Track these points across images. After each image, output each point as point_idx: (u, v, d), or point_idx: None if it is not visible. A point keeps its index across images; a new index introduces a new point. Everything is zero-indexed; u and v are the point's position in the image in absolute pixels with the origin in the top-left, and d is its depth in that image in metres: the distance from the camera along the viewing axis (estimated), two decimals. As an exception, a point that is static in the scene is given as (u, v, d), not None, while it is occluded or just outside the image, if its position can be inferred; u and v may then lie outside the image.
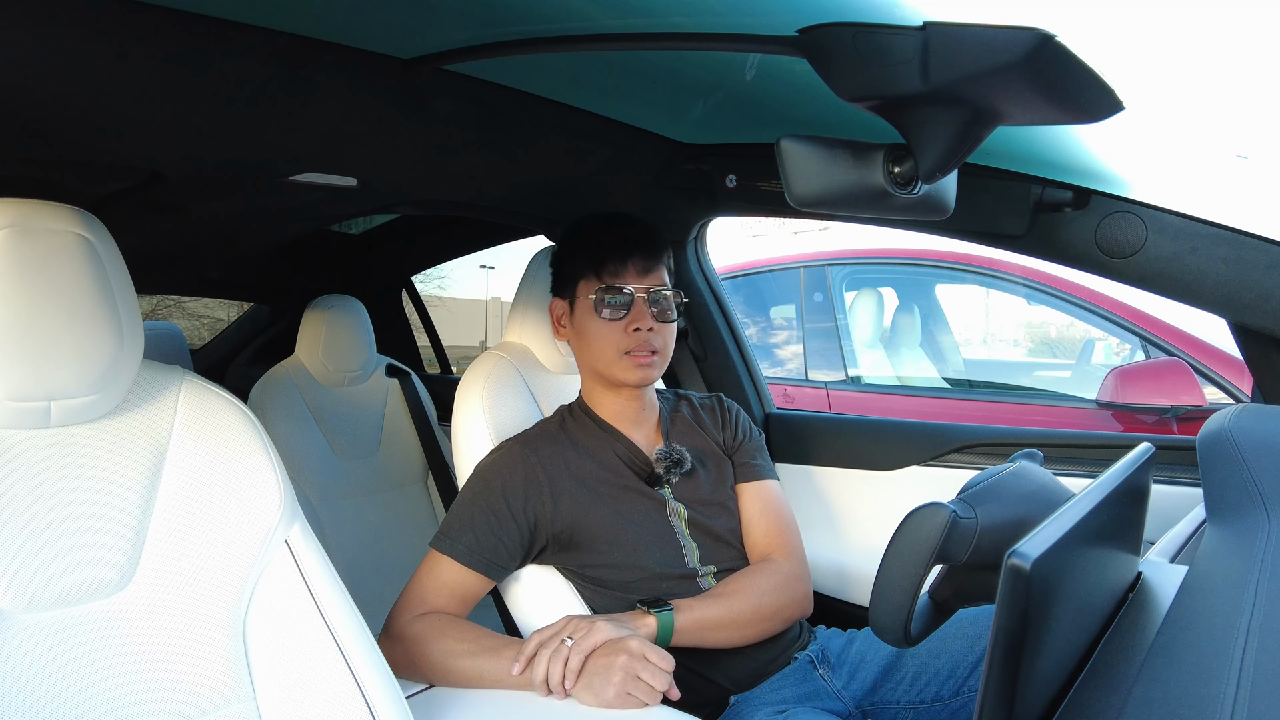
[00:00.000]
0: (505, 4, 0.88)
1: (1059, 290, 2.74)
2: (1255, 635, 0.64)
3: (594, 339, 1.27)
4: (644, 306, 1.25)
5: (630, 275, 1.25)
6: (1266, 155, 1.57)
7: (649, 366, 1.26)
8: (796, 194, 0.83)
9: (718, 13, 0.87)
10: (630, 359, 1.25)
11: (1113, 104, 0.75)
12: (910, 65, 0.73)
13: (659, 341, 1.26)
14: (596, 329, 1.26)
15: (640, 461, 1.29)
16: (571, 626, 1.07)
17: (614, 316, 1.25)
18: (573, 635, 1.06)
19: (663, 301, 1.27)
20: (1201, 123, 3.67)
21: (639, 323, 1.24)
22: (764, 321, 3.60)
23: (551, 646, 1.05)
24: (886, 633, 0.73)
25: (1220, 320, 1.15)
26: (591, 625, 1.06)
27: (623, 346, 1.25)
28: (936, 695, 1.16)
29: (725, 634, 1.17)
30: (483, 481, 1.22)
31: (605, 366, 1.27)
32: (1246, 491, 0.87)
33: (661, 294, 1.27)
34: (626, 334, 1.25)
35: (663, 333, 1.27)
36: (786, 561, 1.27)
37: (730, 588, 1.21)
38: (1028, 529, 0.54)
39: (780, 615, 1.22)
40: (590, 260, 1.27)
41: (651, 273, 1.27)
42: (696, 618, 1.14)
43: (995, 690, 0.50)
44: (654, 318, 1.26)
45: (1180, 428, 2.33)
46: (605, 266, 1.26)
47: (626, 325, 1.25)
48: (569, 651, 1.04)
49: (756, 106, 1.29)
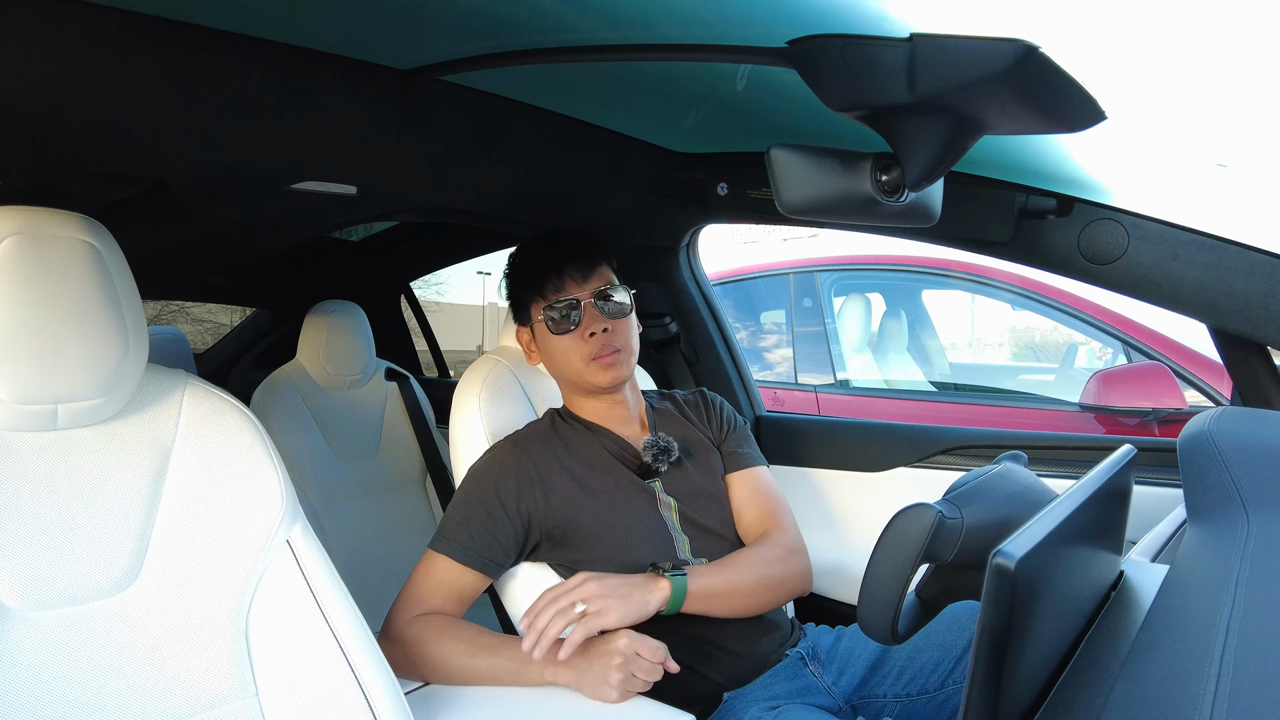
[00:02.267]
0: (502, 17, 0.89)
1: (1043, 295, 2.76)
2: (1235, 633, 0.65)
3: (557, 355, 1.29)
4: (593, 310, 1.26)
5: (570, 286, 1.27)
6: (1245, 163, 1.60)
7: (616, 365, 1.27)
8: (786, 202, 0.84)
9: (709, 25, 0.88)
10: (596, 363, 1.26)
11: (1095, 114, 0.76)
12: (897, 76, 0.75)
13: (619, 340, 1.27)
14: (556, 345, 1.28)
15: (629, 455, 1.31)
16: (587, 589, 1.07)
17: (567, 328, 1.26)
18: (587, 600, 1.06)
19: (611, 300, 1.28)
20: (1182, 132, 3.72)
21: (592, 327, 1.26)
22: (754, 326, 3.62)
23: (560, 604, 1.06)
24: (874, 630, 0.73)
25: (1200, 325, 1.17)
26: (605, 601, 1.06)
27: (585, 354, 1.26)
28: (923, 688, 1.18)
29: (731, 602, 1.18)
30: (476, 481, 1.24)
31: (576, 376, 1.29)
32: (1226, 492, 0.87)
33: (606, 293, 1.28)
34: (584, 341, 1.26)
35: (620, 329, 1.28)
36: (784, 535, 1.29)
37: (735, 558, 1.22)
38: (1012, 529, 0.55)
39: (783, 586, 1.24)
40: (531, 283, 1.29)
41: (592, 276, 1.28)
42: (706, 584, 1.15)
43: (980, 687, 0.51)
44: (606, 318, 1.27)
45: (1161, 430, 2.35)
46: (546, 284, 1.27)
47: (581, 333, 1.26)
48: (577, 620, 1.04)
49: (747, 116, 1.30)
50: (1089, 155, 1.14)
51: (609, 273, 1.31)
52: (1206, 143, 2.67)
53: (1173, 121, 2.07)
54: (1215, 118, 15.56)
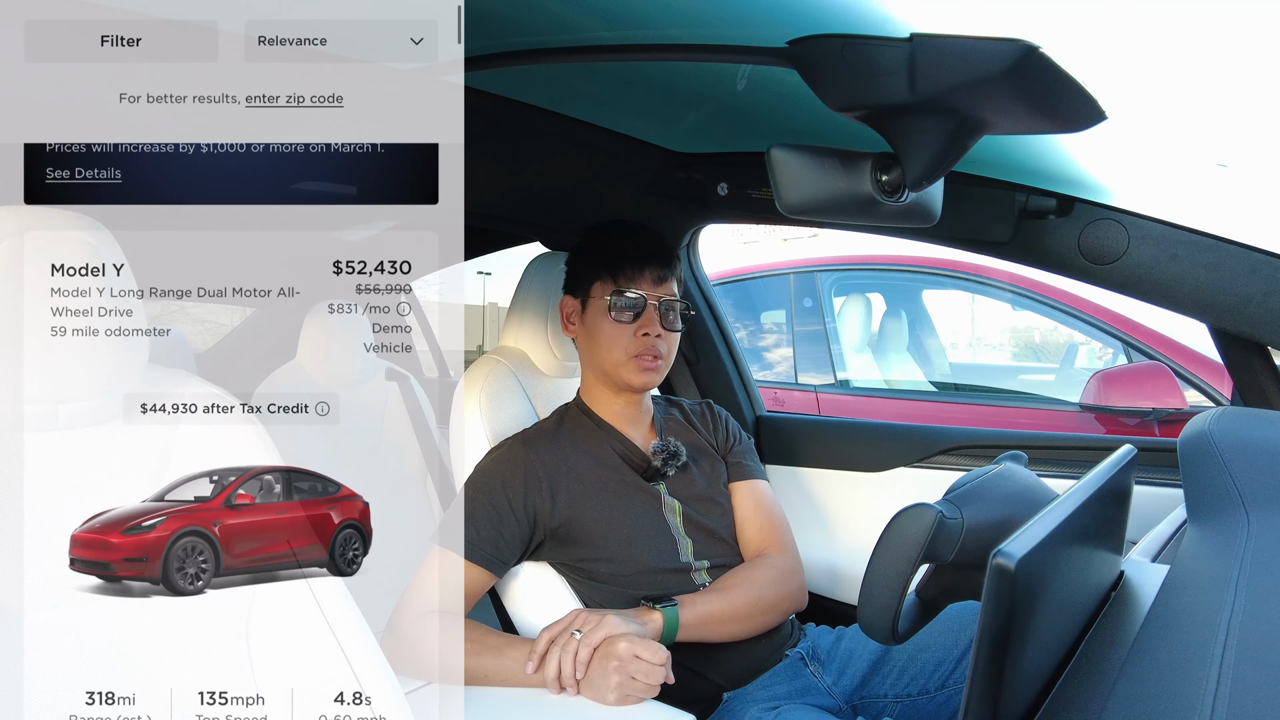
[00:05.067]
0: (502, 17, 0.89)
1: (1043, 295, 2.76)
2: (1235, 633, 0.64)
3: (603, 339, 1.29)
4: (654, 313, 1.28)
5: (645, 283, 1.28)
6: (1245, 163, 1.60)
7: (653, 371, 1.28)
8: (786, 202, 0.84)
9: (710, 25, 0.88)
10: (637, 362, 1.27)
11: (1095, 114, 0.76)
12: (897, 76, 0.75)
13: (664, 348, 1.29)
14: (607, 329, 1.29)
15: (637, 457, 1.31)
16: (580, 620, 1.09)
17: (625, 320, 1.28)
18: (581, 629, 1.08)
19: (672, 311, 1.31)
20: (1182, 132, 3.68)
21: (648, 328, 1.27)
22: (754, 326, 3.62)
23: (561, 642, 1.07)
24: (874, 630, 0.73)
25: (1201, 325, 1.17)
26: (600, 619, 1.08)
27: (631, 350, 1.27)
28: (923, 688, 1.18)
29: (727, 627, 1.18)
30: (483, 478, 1.24)
31: (612, 367, 1.29)
32: (1226, 492, 0.87)
33: (672, 304, 1.31)
34: (635, 338, 1.27)
35: (668, 340, 1.30)
36: (782, 557, 1.29)
37: (729, 582, 1.23)
38: (1012, 529, 0.54)
39: (779, 608, 1.24)
40: (608, 264, 1.30)
41: (665, 283, 1.30)
42: (700, 612, 1.16)
43: (980, 687, 0.51)
44: (662, 325, 1.29)
45: (1162, 430, 2.35)
46: (622, 271, 1.28)
47: (636, 329, 1.27)
48: (578, 645, 1.06)
49: (747, 116, 1.30)
50: (1089, 155, 1.14)
51: (675, 286, 1.33)
52: (1206, 143, 2.67)
53: (1173, 121, 2.08)
54: (1215, 118, 15.59)
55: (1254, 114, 41.43)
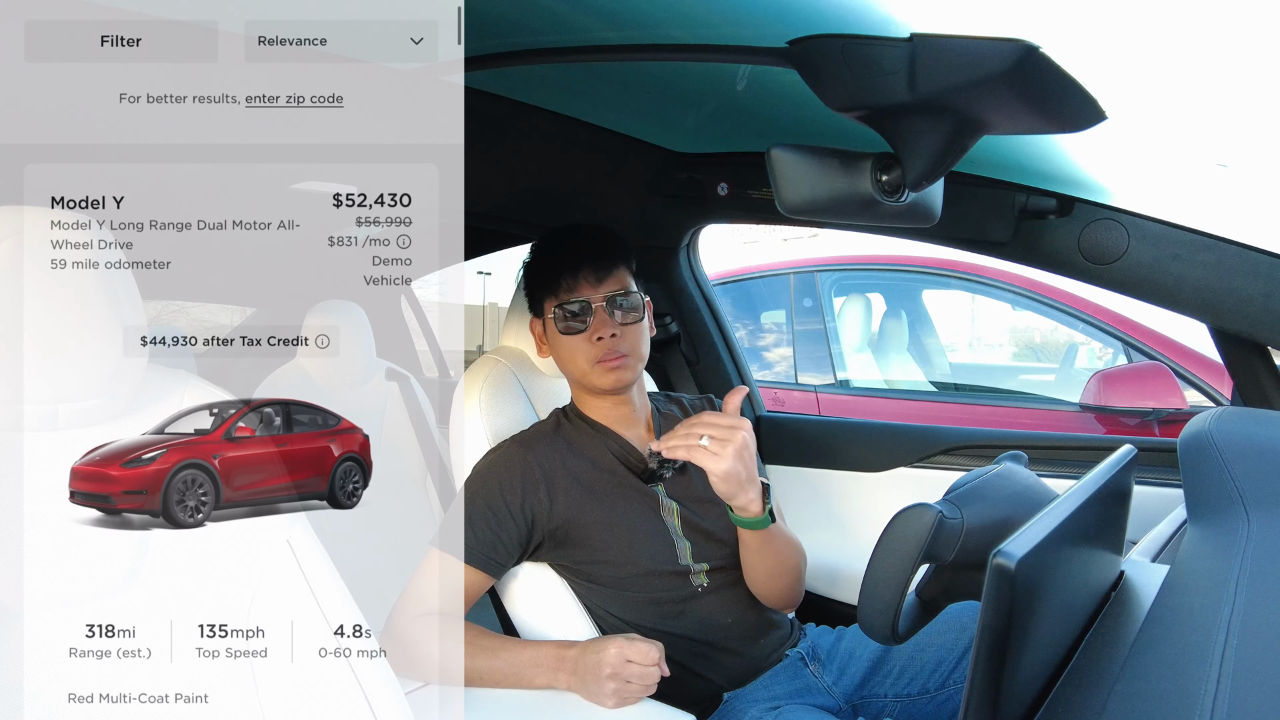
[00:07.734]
0: (502, 17, 0.89)
1: (1043, 296, 2.76)
2: (1235, 633, 0.65)
3: (564, 353, 1.28)
4: (604, 314, 1.25)
5: (584, 287, 1.26)
6: (1246, 163, 1.60)
7: (620, 369, 1.26)
8: (786, 202, 0.84)
9: (710, 25, 0.89)
10: (601, 366, 1.25)
11: (1095, 114, 0.76)
12: (897, 76, 0.75)
13: (626, 345, 1.26)
14: (564, 343, 1.27)
15: (634, 459, 1.30)
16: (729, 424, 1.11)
17: (576, 329, 1.25)
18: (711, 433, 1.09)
19: (623, 305, 1.27)
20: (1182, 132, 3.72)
21: (600, 331, 1.24)
22: (754, 326, 3.62)
23: (690, 439, 1.10)
24: (874, 630, 0.73)
25: (1201, 325, 1.17)
26: (722, 444, 1.09)
27: (591, 356, 1.25)
28: (923, 688, 1.18)
29: (780, 559, 1.21)
30: (481, 480, 1.23)
31: (581, 377, 1.28)
32: (1226, 492, 0.87)
33: (619, 297, 1.27)
34: (591, 344, 1.25)
35: (629, 335, 1.27)
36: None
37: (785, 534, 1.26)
38: (1012, 529, 0.55)
39: (797, 587, 1.26)
40: (547, 278, 1.28)
41: (607, 279, 1.27)
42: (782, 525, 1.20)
43: (980, 687, 0.51)
44: (616, 323, 1.26)
45: (1162, 430, 2.35)
46: (560, 282, 1.26)
47: (590, 335, 1.25)
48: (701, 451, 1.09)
49: (747, 116, 1.30)
50: (1089, 155, 1.14)
51: (625, 275, 1.29)
52: (1206, 143, 2.66)
53: (1173, 121, 2.07)
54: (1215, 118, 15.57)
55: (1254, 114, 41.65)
